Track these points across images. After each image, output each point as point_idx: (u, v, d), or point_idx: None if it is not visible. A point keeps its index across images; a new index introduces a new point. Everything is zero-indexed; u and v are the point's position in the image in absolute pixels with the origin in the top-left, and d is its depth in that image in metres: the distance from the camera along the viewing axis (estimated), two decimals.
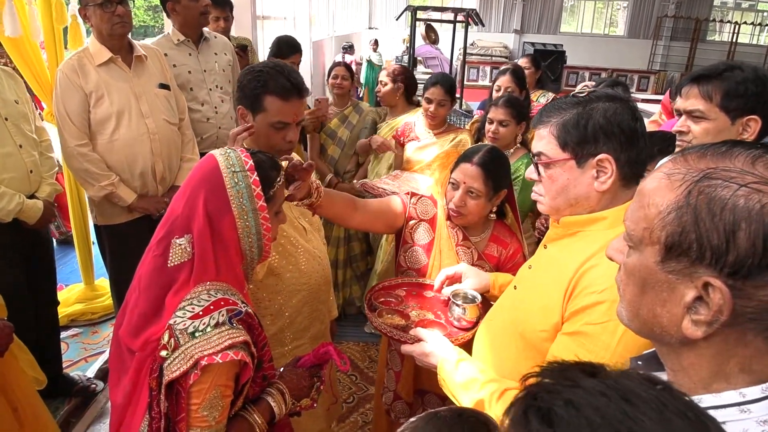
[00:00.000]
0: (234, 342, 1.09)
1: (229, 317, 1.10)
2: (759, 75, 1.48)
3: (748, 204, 0.58)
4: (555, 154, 1.15)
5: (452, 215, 1.77)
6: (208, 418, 1.09)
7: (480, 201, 1.72)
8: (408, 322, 1.54)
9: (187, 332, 1.08)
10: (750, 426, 0.60)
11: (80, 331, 3.22)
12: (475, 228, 1.82)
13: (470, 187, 1.71)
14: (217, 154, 1.21)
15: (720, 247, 0.59)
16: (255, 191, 1.19)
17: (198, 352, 1.06)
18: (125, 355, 1.21)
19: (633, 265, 0.69)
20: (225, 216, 1.17)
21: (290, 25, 7.20)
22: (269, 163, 1.26)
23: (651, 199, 0.66)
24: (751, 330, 0.60)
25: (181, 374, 1.06)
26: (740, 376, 0.63)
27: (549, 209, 1.20)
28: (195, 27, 2.85)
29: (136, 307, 1.19)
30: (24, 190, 2.21)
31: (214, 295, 1.13)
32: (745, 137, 1.47)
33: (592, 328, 1.04)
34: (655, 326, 0.68)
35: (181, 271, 1.16)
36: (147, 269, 1.20)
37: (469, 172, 1.72)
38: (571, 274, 1.10)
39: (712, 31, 14.23)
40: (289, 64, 1.70)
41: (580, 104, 1.14)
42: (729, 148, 0.63)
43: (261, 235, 1.22)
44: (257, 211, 1.20)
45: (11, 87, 2.25)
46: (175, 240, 1.16)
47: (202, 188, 1.18)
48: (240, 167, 1.19)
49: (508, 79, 3.23)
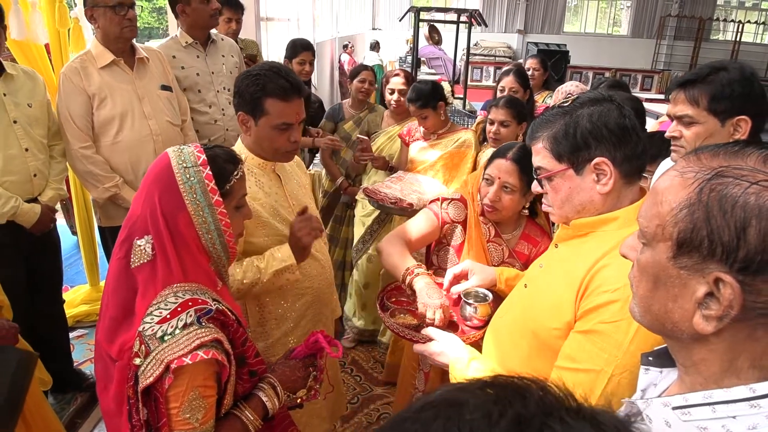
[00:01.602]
0: (203, 341, 1.07)
1: (197, 317, 1.09)
2: (745, 75, 1.49)
3: (758, 201, 0.59)
4: (553, 167, 1.17)
5: (486, 210, 1.80)
6: (191, 420, 1.08)
7: (514, 196, 1.76)
8: (420, 321, 1.54)
9: (156, 337, 1.07)
10: (760, 421, 0.61)
11: (86, 332, 3.24)
12: (508, 224, 1.86)
13: (505, 182, 1.74)
14: (170, 151, 1.20)
15: (731, 244, 0.60)
16: (209, 186, 1.18)
17: (168, 355, 1.05)
18: (107, 362, 1.20)
19: (646, 261, 0.70)
20: (180, 213, 1.16)
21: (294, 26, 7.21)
22: (225, 156, 1.24)
23: (664, 196, 0.67)
24: (761, 325, 0.61)
25: (155, 380, 1.06)
26: (750, 371, 0.64)
27: (559, 218, 1.23)
28: (204, 29, 2.85)
29: (107, 311, 1.19)
30: (25, 194, 2.22)
31: (182, 297, 1.12)
32: (737, 138, 1.48)
33: (605, 327, 1.05)
34: (666, 322, 0.68)
35: (142, 272, 1.15)
36: (113, 273, 1.19)
37: (503, 167, 1.75)
38: (583, 274, 1.12)
39: (716, 30, 14.19)
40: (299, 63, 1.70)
41: (566, 114, 1.15)
42: (741, 148, 0.64)
43: (221, 231, 1.20)
44: (213, 206, 1.18)
45: (28, 89, 2.26)
46: (136, 241, 1.16)
47: (156, 187, 1.17)
48: (192, 162, 1.18)
49: (512, 80, 3.22)
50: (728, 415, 0.63)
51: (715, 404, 0.64)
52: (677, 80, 1.59)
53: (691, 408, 0.65)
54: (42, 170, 2.29)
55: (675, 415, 0.66)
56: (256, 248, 1.66)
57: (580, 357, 1.07)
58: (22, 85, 2.24)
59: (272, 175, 1.74)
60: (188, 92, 2.79)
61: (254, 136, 1.65)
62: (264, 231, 1.67)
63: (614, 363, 1.01)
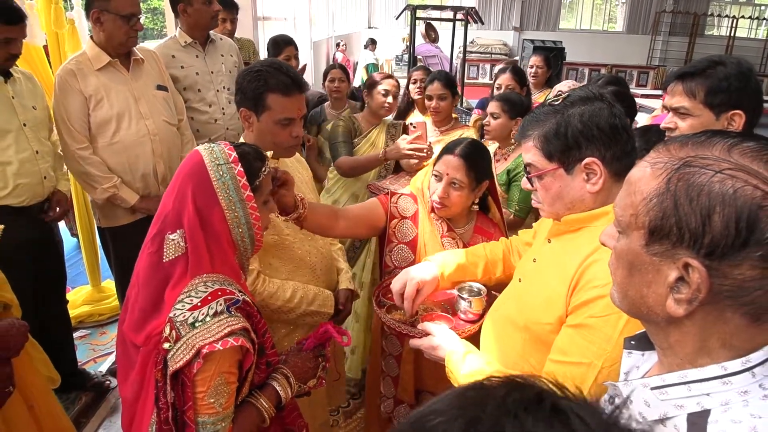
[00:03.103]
0: (233, 329, 1.12)
1: (227, 306, 1.13)
2: (742, 70, 1.51)
3: (722, 189, 0.61)
4: (543, 165, 1.18)
5: (436, 207, 1.77)
6: (215, 404, 1.12)
7: (463, 192, 1.74)
8: (416, 316, 1.56)
9: (188, 323, 1.11)
10: (732, 397, 0.64)
11: (88, 332, 3.25)
12: (458, 220, 1.84)
13: (453, 178, 1.72)
14: (202, 149, 1.24)
15: (697, 230, 0.62)
16: (240, 182, 1.22)
17: (199, 341, 1.09)
18: (131, 351, 1.24)
19: (621, 249, 0.73)
20: (214, 208, 1.20)
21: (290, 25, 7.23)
22: (253, 154, 1.29)
23: (637, 186, 0.70)
24: (728, 307, 0.64)
25: (185, 364, 1.09)
26: (722, 351, 0.67)
27: (549, 215, 1.25)
28: (204, 30, 2.87)
29: (136, 303, 1.23)
30: (36, 196, 2.24)
31: (211, 287, 1.16)
32: None
33: (595, 321, 1.07)
34: (642, 306, 0.71)
35: (176, 266, 1.19)
36: (144, 266, 1.23)
37: (451, 163, 1.73)
38: (574, 269, 1.14)
39: (710, 25, 14.22)
40: (285, 59, 1.74)
41: (557, 112, 1.16)
42: (708, 138, 0.67)
43: (251, 225, 1.25)
44: (245, 202, 1.23)
45: (29, 91, 2.28)
46: (168, 236, 1.19)
47: (189, 183, 1.21)
48: (224, 160, 1.22)
49: (509, 77, 3.26)
50: (702, 392, 0.66)
51: (690, 383, 0.67)
52: (675, 72, 1.62)
53: (668, 387, 0.68)
54: (50, 173, 2.32)
55: (653, 395, 0.69)
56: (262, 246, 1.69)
57: (571, 350, 1.09)
58: (24, 88, 2.25)
59: None
60: (188, 91, 2.80)
61: (256, 132, 1.67)
62: (270, 229, 1.68)
63: (604, 356, 1.03)
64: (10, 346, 1.50)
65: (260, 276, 1.68)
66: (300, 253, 1.78)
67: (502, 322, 1.35)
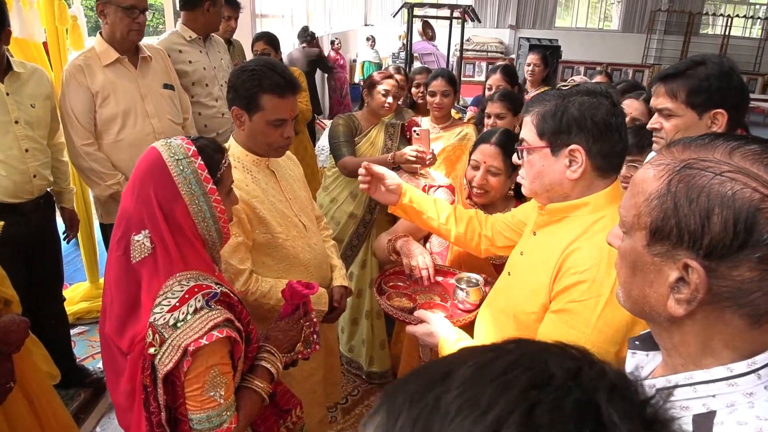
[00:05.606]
0: (216, 322, 1.13)
1: (206, 301, 1.14)
2: (723, 70, 1.53)
3: (721, 191, 0.62)
4: (533, 142, 1.23)
5: (476, 194, 1.88)
6: (215, 397, 1.13)
7: (500, 178, 1.85)
8: (415, 304, 1.64)
9: (169, 325, 1.11)
10: (737, 398, 0.65)
11: (86, 328, 3.25)
12: (495, 207, 1.93)
13: (490, 165, 1.84)
14: (158, 145, 1.24)
15: (696, 231, 0.64)
16: (202, 175, 1.22)
17: (184, 340, 1.10)
18: (117, 356, 1.23)
19: (625, 249, 0.74)
20: (177, 204, 1.20)
21: (288, 22, 7.22)
22: (212, 146, 1.29)
23: (640, 187, 0.71)
24: (728, 308, 0.65)
25: (174, 365, 1.10)
26: (725, 352, 0.68)
27: (528, 192, 1.29)
28: (212, 30, 2.95)
29: (113, 308, 1.22)
30: (25, 194, 2.23)
31: (187, 284, 1.16)
32: (714, 130, 1.53)
33: (574, 306, 1.12)
34: (645, 305, 0.73)
35: (144, 267, 1.18)
36: (114, 271, 1.23)
37: (488, 151, 1.85)
38: (557, 257, 1.19)
39: (705, 24, 14.27)
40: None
41: (561, 97, 1.21)
42: (711, 140, 0.68)
43: (216, 218, 1.25)
44: (208, 195, 1.23)
45: (32, 87, 2.25)
46: (134, 237, 1.19)
47: (149, 182, 1.20)
48: (183, 154, 1.21)
49: (499, 78, 3.34)
50: (708, 394, 0.66)
51: (696, 384, 0.67)
52: (658, 74, 1.65)
53: (673, 389, 0.69)
54: (42, 171, 2.30)
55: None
56: (254, 245, 1.70)
57: (552, 335, 1.11)
58: (27, 84, 2.23)
59: (267, 171, 1.77)
60: (196, 86, 2.84)
61: (248, 131, 1.68)
62: (263, 228, 1.70)
63: (583, 339, 1.06)
64: (11, 341, 1.51)
65: (252, 275, 1.67)
66: (292, 251, 1.78)
67: (493, 314, 1.41)
